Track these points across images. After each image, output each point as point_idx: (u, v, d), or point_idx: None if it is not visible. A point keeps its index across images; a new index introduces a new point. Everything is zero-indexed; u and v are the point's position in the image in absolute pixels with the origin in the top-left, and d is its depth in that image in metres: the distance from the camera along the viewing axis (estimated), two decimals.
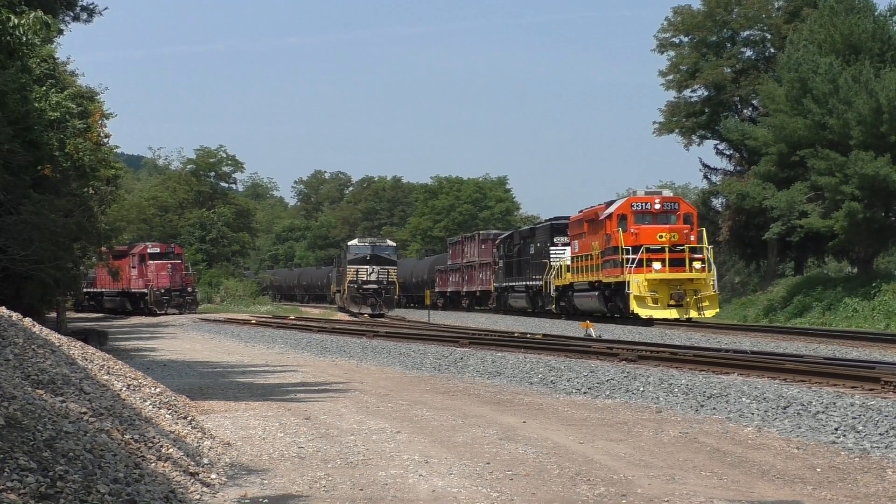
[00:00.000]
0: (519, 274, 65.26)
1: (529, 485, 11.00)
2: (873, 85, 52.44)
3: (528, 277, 62.33)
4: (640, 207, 46.35)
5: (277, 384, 23.15)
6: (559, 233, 58.97)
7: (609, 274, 46.86)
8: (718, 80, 74.54)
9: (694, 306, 44.02)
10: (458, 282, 79.73)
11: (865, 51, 56.39)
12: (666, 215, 46.20)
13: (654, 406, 17.61)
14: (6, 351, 11.75)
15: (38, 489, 8.03)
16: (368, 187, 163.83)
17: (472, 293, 77.59)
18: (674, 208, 46.91)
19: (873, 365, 20.41)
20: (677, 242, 44.63)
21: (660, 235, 44.63)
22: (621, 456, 12.77)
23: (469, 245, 79.75)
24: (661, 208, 46.31)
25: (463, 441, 14.04)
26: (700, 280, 44.56)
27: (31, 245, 30.05)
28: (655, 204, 46.36)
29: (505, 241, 70.08)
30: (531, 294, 62.03)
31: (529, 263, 62.78)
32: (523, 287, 63.41)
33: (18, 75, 27.66)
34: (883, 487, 10.88)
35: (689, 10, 76.57)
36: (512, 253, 67.66)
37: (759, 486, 11.02)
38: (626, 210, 46.36)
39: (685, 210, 47.38)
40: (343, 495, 10.46)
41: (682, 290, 44.13)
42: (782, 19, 72.80)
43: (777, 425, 14.78)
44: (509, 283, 67.12)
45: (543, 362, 24.32)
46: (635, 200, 47.47)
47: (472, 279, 77.02)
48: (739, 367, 21.06)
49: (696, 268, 44.43)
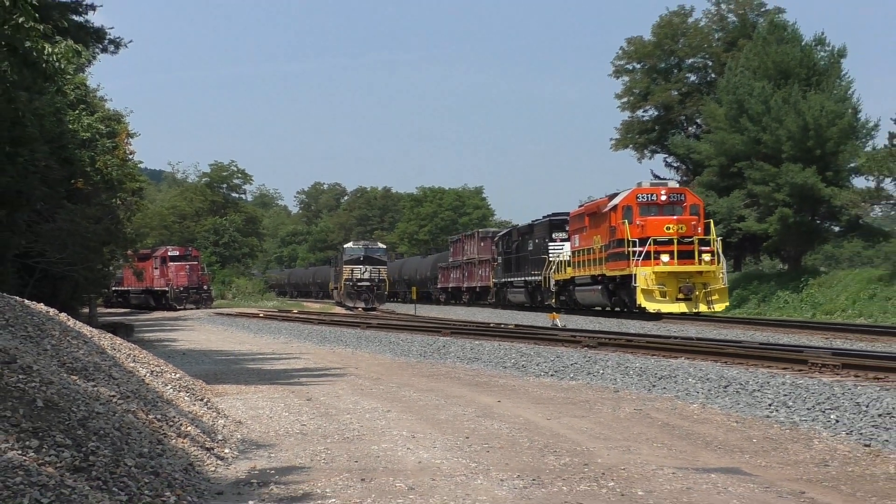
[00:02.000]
0: (517, 270, 60.31)
1: (503, 456, 10.99)
2: (801, 105, 52.79)
3: (527, 273, 57.39)
4: (646, 199, 40.79)
5: (283, 370, 23.11)
6: (558, 228, 53.83)
7: (614, 267, 41.60)
8: (667, 101, 74.86)
9: (703, 300, 38.81)
10: (458, 278, 76.14)
11: (794, 76, 56.65)
12: (672, 206, 40.69)
13: (612, 386, 17.62)
14: (44, 342, 11.71)
15: (73, 463, 8.01)
16: (362, 196, 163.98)
17: (472, 289, 72.91)
18: (680, 199, 41.29)
19: (802, 349, 20.46)
20: (685, 234, 39.41)
21: (667, 227, 39.39)
22: (584, 430, 12.77)
23: (469, 243, 74.88)
24: (668, 199, 40.79)
25: (445, 418, 14.03)
26: (709, 273, 39.11)
27: (65, 249, 30.06)
28: (662, 195, 40.84)
29: (503, 239, 64.88)
30: (530, 289, 57.18)
31: (528, 259, 57.66)
32: (522, 282, 58.58)
33: (54, 100, 27.63)
34: (810, 455, 10.91)
35: (641, 41, 77.02)
36: (510, 249, 62.38)
37: (704, 455, 11.03)
38: (631, 202, 40.88)
39: (692, 201, 41.77)
40: (340, 466, 10.44)
41: (691, 283, 38.83)
42: (721, 48, 73.17)
43: (719, 402, 14.81)
44: (508, 279, 62.24)
45: (516, 349, 24.31)
46: (641, 192, 41.33)
47: (472, 275, 72.69)
48: (686, 351, 21.09)
49: (705, 260, 39.12)
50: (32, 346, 11.18)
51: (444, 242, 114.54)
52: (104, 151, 37.19)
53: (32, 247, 28.93)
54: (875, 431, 11.75)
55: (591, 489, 9.24)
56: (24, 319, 12.28)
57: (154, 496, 8.28)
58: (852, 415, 12.63)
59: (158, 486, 8.51)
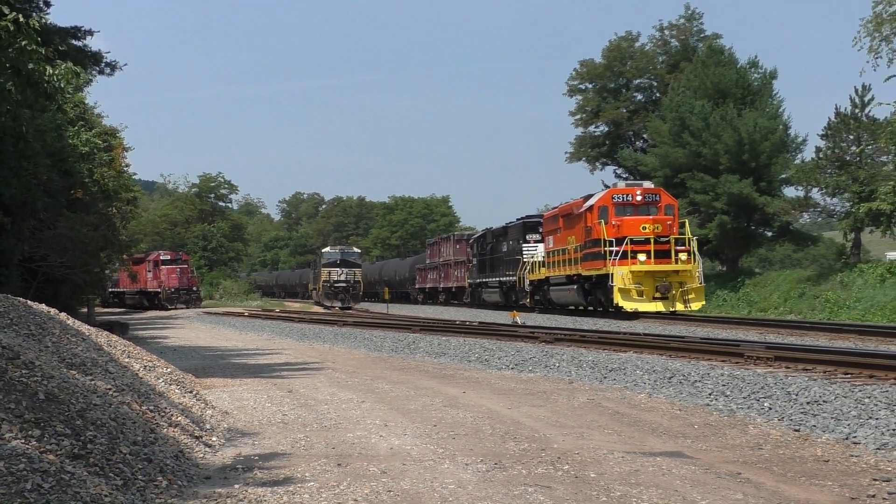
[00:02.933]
0: (492, 270, 57.71)
1: (468, 442, 10.99)
2: (737, 122, 53.30)
3: (502, 273, 54.83)
4: (622, 199, 38.42)
5: (266, 364, 23.03)
6: (531, 230, 51.34)
7: (590, 267, 38.99)
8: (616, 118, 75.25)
9: (680, 299, 36.43)
10: (435, 279, 73.78)
11: (730, 95, 57.16)
12: (647, 207, 38.33)
13: (567, 378, 17.63)
14: (46, 339, 11.63)
15: (72, 450, 7.97)
16: (338, 205, 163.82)
17: (448, 289, 70.39)
18: (655, 200, 38.86)
19: (738, 343, 20.57)
20: (661, 234, 36.96)
21: (643, 227, 36.90)
22: (541, 418, 12.79)
23: (445, 245, 72.43)
24: (643, 200, 38.42)
25: (415, 408, 14.01)
26: (686, 272, 36.72)
27: (65, 254, 29.98)
28: (637, 195, 38.42)
29: (478, 241, 62.09)
30: (504, 289, 54.72)
31: (503, 260, 55.00)
32: (497, 283, 55.98)
33: (55, 117, 27.52)
34: (745, 439, 10.96)
35: (592, 63, 77.43)
36: (485, 251, 59.68)
37: (650, 440, 11.07)
38: (607, 202, 38.49)
39: (667, 201, 39.23)
40: (318, 453, 10.41)
41: (668, 282, 36.35)
42: (665, 70, 73.67)
43: (664, 392, 14.86)
44: (483, 280, 59.75)
45: (479, 344, 24.32)
46: (616, 192, 39.24)
47: (448, 276, 70.28)
48: (634, 346, 21.17)
49: (681, 259, 36.71)
50: (35, 344, 11.11)
51: (414, 247, 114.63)
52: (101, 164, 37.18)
53: (35, 252, 28.78)
54: (804, 418, 11.82)
55: (547, 472, 9.26)
56: (27, 319, 12.20)
57: (147, 481, 8.27)
58: (783, 403, 12.70)
59: (151, 471, 8.50)
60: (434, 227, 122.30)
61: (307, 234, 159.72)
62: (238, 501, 8.02)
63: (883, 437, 10.39)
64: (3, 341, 9.32)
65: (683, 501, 7.98)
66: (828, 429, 11.14)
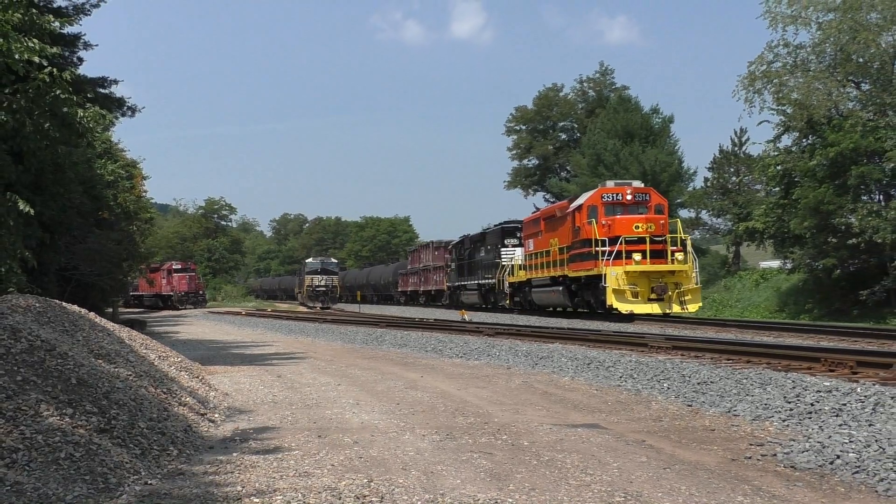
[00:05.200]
0: (470, 274, 51.01)
1: (425, 417, 10.97)
2: (641, 157, 53.91)
3: (481, 276, 48.37)
4: (611, 198, 31.72)
5: (259, 354, 22.87)
6: (510, 235, 45.07)
7: (578, 268, 32.28)
8: (544, 153, 76.01)
9: (676, 300, 29.71)
10: (416, 282, 68.69)
11: (636, 135, 57.88)
12: (637, 206, 31.70)
13: (505, 365, 17.66)
14: (77, 334, 11.47)
15: (99, 426, 7.87)
16: (319, 224, 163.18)
17: (427, 292, 64.53)
18: (645, 199, 32.08)
19: (644, 336, 20.71)
20: (655, 233, 30.19)
21: (636, 226, 30.13)
22: (484, 398, 12.79)
23: (425, 252, 66.56)
24: (633, 199, 31.74)
25: (381, 390, 13.96)
26: (682, 273, 29.98)
27: (94, 264, 29.76)
28: (627, 194, 31.77)
29: (457, 247, 55.21)
30: (483, 291, 48.29)
31: (481, 264, 48.53)
32: (475, 285, 49.38)
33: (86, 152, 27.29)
34: (649, 413, 11.03)
35: (525, 108, 78.40)
36: (463, 256, 52.82)
37: (572, 414, 11.10)
38: (596, 201, 31.87)
39: (656, 201, 32.41)
40: (302, 426, 10.35)
41: (664, 283, 29.60)
42: (584, 114, 74.54)
43: (584, 375, 14.91)
44: (461, 283, 52.92)
45: (435, 337, 24.27)
46: (606, 191, 32.20)
47: (428, 280, 64.52)
48: (560, 338, 21.24)
49: (678, 259, 30.16)
50: (68, 338, 10.95)
51: (381, 258, 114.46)
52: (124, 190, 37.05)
53: (69, 262, 28.48)
54: (695, 395, 11.91)
55: (489, 441, 9.25)
56: (62, 317, 12.02)
57: (161, 450, 8.20)
58: (679, 384, 12.79)
59: (164, 442, 8.43)
60: (397, 241, 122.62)
61: (294, 248, 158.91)
62: (236, 466, 7.94)
63: (757, 410, 10.49)
64: (42, 336, 9.19)
65: (599, 464, 8.00)
66: (714, 404, 11.23)
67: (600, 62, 71.57)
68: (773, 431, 9.45)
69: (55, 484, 6.54)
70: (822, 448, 8.13)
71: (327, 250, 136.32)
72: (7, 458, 6.62)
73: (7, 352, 8.32)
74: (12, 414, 7.28)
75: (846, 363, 12.90)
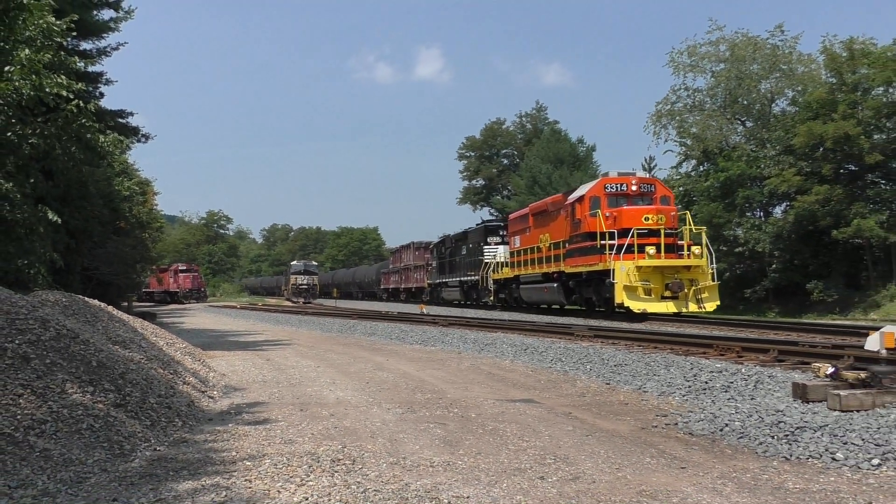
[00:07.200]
0: (451, 271, 44.41)
1: (390, 394, 10.93)
2: (569, 180, 54.14)
3: (463, 274, 41.97)
4: (615, 189, 24.97)
5: (251, 341, 22.64)
6: (492, 233, 38.98)
7: (578, 263, 25.48)
8: (490, 176, 76.29)
9: (692, 298, 22.54)
10: (397, 281, 63.67)
11: (565, 161, 58.28)
12: (642, 197, 24.99)
13: (456, 350, 17.65)
14: (97, 324, 11.29)
15: (115, 401, 7.76)
16: (302, 232, 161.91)
17: (408, 289, 59.63)
18: (650, 190, 25.27)
19: (570, 326, 20.78)
20: (667, 225, 23.40)
21: (646, 217, 23.36)
22: (439, 377, 12.78)
23: (406, 252, 61.43)
24: (638, 190, 24.97)
25: (354, 371, 13.89)
26: (698, 268, 22.84)
27: (112, 265, 29.43)
28: (632, 185, 24.97)
29: (437, 246, 48.71)
30: (465, 288, 41.95)
31: (463, 262, 42.10)
32: (457, 282, 43.03)
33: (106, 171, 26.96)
34: (575, 390, 11.08)
35: (474, 138, 78.99)
36: (444, 254, 46.34)
37: (512, 391, 11.13)
38: (598, 192, 25.13)
39: (662, 192, 25.53)
40: (288, 402, 10.26)
41: (679, 279, 22.49)
42: (522, 144, 74.97)
43: (522, 359, 14.95)
44: (443, 280, 46.27)
45: (398, 327, 24.20)
46: (609, 182, 25.29)
47: (409, 278, 57.54)
48: (503, 328, 21.28)
49: (694, 253, 23.02)
50: (89, 327, 10.77)
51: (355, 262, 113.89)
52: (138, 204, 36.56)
53: (91, 264, 28.05)
54: (612, 376, 12.00)
55: (443, 413, 9.24)
56: (84, 310, 11.82)
57: (168, 422, 8.10)
58: (599, 366, 12.88)
59: (171, 415, 8.33)
60: (367, 248, 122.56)
61: (281, 252, 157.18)
62: (231, 435, 7.86)
63: (661, 387, 10.59)
64: (67, 325, 9.02)
65: (533, 432, 8.03)
66: (627, 382, 11.32)
67: (536, 100, 72.65)
68: (675, 404, 9.55)
69: (78, 450, 6.44)
70: (714, 418, 8.24)
71: (309, 254, 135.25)
72: (37, 429, 6.52)
73: (38, 339, 8.17)
74: (42, 391, 7.16)
75: (734, 349, 13.09)
